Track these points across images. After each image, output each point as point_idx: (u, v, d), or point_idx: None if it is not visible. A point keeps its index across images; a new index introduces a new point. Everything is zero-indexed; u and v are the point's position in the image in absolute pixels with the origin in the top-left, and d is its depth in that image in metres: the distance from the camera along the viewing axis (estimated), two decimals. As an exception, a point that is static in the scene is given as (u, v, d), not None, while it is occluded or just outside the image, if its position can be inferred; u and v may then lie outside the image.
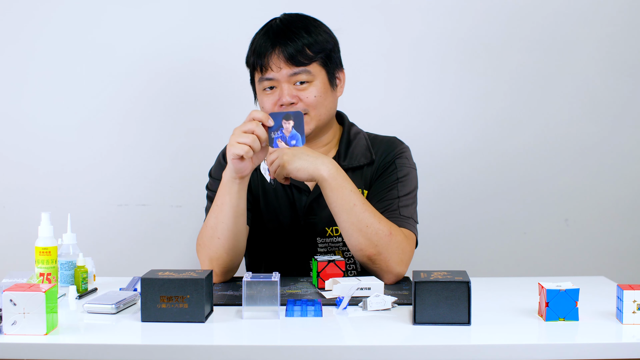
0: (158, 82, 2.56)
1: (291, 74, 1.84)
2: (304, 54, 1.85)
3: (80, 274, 1.72)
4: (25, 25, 2.54)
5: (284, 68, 1.84)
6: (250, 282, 1.47)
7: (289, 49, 1.84)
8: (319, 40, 1.87)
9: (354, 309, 1.56)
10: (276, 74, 1.85)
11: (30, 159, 2.56)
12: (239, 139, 1.65)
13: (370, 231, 1.73)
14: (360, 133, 1.98)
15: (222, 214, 1.75)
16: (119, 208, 2.57)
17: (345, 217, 1.73)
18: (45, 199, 2.53)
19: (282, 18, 1.92)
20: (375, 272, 1.77)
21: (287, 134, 1.64)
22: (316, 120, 1.88)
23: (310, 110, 1.86)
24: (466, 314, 1.43)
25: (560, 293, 1.45)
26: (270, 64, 1.84)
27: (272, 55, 1.84)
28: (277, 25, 1.89)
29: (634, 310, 1.42)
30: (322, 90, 1.87)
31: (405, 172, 1.91)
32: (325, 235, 1.92)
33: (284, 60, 1.84)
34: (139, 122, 2.56)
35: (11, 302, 1.36)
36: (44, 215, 1.68)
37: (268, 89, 1.87)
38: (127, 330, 1.43)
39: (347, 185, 1.74)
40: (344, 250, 1.92)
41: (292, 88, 1.85)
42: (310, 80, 1.86)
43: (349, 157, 1.93)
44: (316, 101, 1.86)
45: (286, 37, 1.85)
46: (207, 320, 1.47)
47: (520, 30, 2.53)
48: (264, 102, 1.88)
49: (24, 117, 2.56)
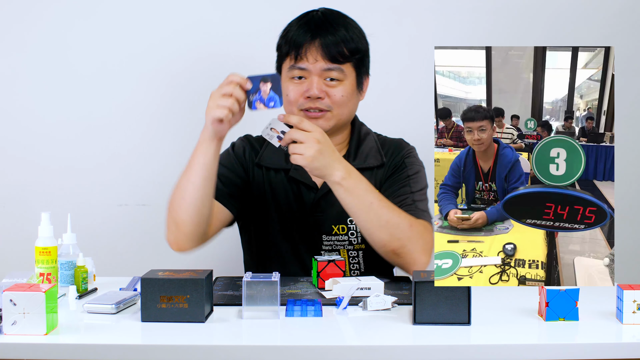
0: (159, 83, 2.56)
1: (325, 68, 1.84)
2: (342, 53, 1.84)
3: (80, 274, 1.72)
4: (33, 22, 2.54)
5: (319, 61, 1.83)
6: (250, 282, 1.47)
7: (329, 43, 1.83)
8: (357, 42, 1.87)
9: (354, 309, 1.56)
10: (309, 65, 1.84)
11: (30, 158, 2.56)
12: (219, 102, 1.64)
13: (391, 226, 1.71)
14: (370, 134, 1.99)
15: (193, 174, 1.73)
16: (119, 208, 2.57)
17: (364, 217, 1.72)
18: (45, 199, 2.53)
19: (324, 11, 1.90)
20: (401, 265, 1.76)
21: (265, 97, 1.64)
22: (337, 119, 1.88)
23: (335, 108, 1.86)
24: (466, 314, 1.43)
25: (560, 293, 1.45)
26: (307, 54, 1.83)
27: (311, 46, 1.83)
28: (318, 17, 1.88)
29: (634, 310, 1.42)
30: (350, 91, 1.87)
31: (416, 169, 1.92)
32: (331, 233, 1.91)
33: (321, 53, 1.83)
34: (139, 122, 2.56)
35: (11, 302, 1.36)
36: (44, 215, 1.68)
37: (297, 78, 1.86)
38: (127, 330, 1.43)
39: (361, 186, 1.71)
40: (349, 249, 1.92)
41: (322, 83, 1.85)
42: (341, 79, 1.85)
43: (359, 157, 1.93)
44: (342, 101, 1.86)
45: (327, 31, 1.84)
46: (207, 320, 1.47)
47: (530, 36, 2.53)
48: (290, 90, 1.86)
49: (24, 116, 2.56)
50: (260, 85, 1.65)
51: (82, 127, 2.56)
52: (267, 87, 1.64)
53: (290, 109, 1.87)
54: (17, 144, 2.56)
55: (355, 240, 1.91)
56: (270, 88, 1.64)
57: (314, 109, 1.85)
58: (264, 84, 1.65)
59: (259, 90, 1.64)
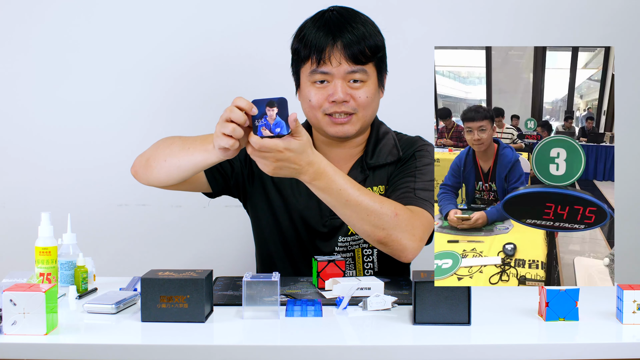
0: (159, 83, 2.56)
1: (349, 71, 1.81)
2: (364, 52, 1.82)
3: (80, 274, 1.72)
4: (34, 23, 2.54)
5: (343, 64, 1.81)
6: (250, 282, 1.47)
7: (351, 45, 1.80)
8: (377, 41, 1.85)
9: (354, 309, 1.56)
10: (333, 69, 1.81)
11: (30, 159, 2.56)
12: (222, 129, 1.56)
13: (373, 217, 1.68)
14: (389, 133, 1.98)
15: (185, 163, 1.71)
16: (119, 208, 2.57)
17: (342, 212, 1.70)
18: (45, 199, 2.53)
19: (339, 10, 1.87)
20: (391, 253, 1.74)
21: (272, 122, 1.55)
22: (362, 121, 1.86)
23: (360, 110, 1.85)
24: (466, 314, 1.43)
25: (560, 293, 1.45)
26: (331, 57, 1.80)
27: (334, 49, 1.80)
28: (335, 17, 1.84)
29: (634, 310, 1.43)
30: (373, 91, 1.86)
31: (425, 162, 1.90)
32: (347, 234, 1.92)
33: (344, 56, 1.80)
34: (139, 122, 2.56)
35: (11, 302, 1.36)
36: (44, 215, 1.68)
37: (319, 82, 1.84)
38: (127, 330, 1.43)
39: (334, 185, 1.65)
40: (364, 247, 1.92)
41: (346, 85, 1.83)
42: (364, 80, 1.84)
43: (376, 156, 1.92)
44: (366, 102, 1.84)
45: (347, 31, 1.81)
46: (207, 320, 1.47)
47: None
48: (313, 95, 1.84)
49: (25, 117, 2.56)
50: (266, 109, 1.55)
51: (82, 127, 2.56)
52: (274, 112, 1.55)
53: (313, 114, 1.86)
54: (17, 144, 2.56)
55: None
56: (276, 113, 1.55)
57: (339, 114, 1.83)
58: (270, 109, 1.54)
59: (265, 115, 1.55)
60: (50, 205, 2.45)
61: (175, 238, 2.58)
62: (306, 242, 1.94)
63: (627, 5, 2.54)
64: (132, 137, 2.56)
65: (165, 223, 2.58)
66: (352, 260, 1.92)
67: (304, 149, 1.58)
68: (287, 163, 1.58)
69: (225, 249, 2.60)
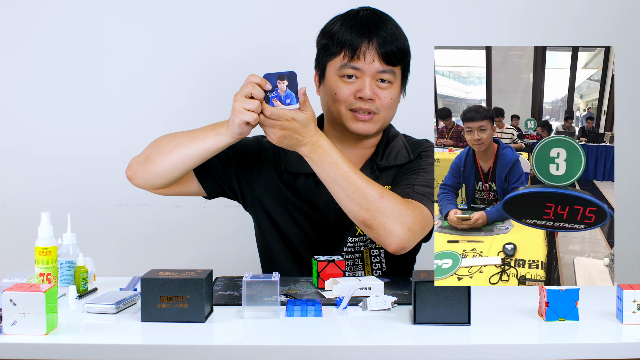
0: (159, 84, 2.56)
1: (380, 70, 1.84)
2: (396, 55, 1.85)
3: (80, 274, 1.72)
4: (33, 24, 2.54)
5: (376, 62, 1.83)
6: (250, 282, 1.47)
7: (385, 45, 1.83)
8: (406, 44, 1.89)
9: (354, 309, 1.56)
10: (365, 66, 1.83)
11: (30, 158, 2.56)
12: (245, 105, 1.64)
13: (358, 196, 1.70)
14: (398, 135, 1.99)
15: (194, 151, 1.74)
16: (119, 208, 2.57)
17: (331, 187, 1.73)
18: (45, 199, 2.53)
19: (372, 10, 1.89)
20: (376, 239, 1.73)
21: (282, 94, 1.65)
22: (382, 121, 1.89)
23: (382, 111, 1.87)
24: (466, 314, 1.43)
25: (560, 293, 1.45)
26: (366, 54, 1.83)
27: (370, 47, 1.83)
28: (368, 16, 1.87)
29: (634, 310, 1.43)
30: (397, 94, 1.89)
31: (430, 162, 1.91)
32: (355, 235, 1.92)
33: (378, 55, 1.83)
34: (138, 122, 2.56)
35: (11, 302, 1.36)
36: (44, 215, 1.68)
37: (347, 77, 1.85)
38: (127, 330, 1.43)
39: (327, 159, 1.70)
40: (371, 247, 1.92)
41: (374, 84, 1.85)
42: (391, 81, 1.86)
43: (386, 157, 1.94)
44: (390, 104, 1.87)
45: (382, 31, 1.84)
46: (207, 320, 1.47)
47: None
48: (340, 88, 1.85)
49: (25, 117, 2.56)
50: (277, 82, 1.66)
51: (82, 127, 2.56)
52: (284, 85, 1.66)
53: (336, 108, 1.87)
54: (17, 144, 2.56)
55: None
56: (286, 86, 1.65)
57: (363, 111, 1.85)
58: (280, 82, 1.66)
59: (276, 88, 1.66)
60: (50, 205, 2.45)
61: (175, 238, 2.58)
62: (314, 243, 1.93)
63: (627, 5, 2.54)
64: (132, 137, 2.55)
65: (165, 223, 2.58)
66: (361, 261, 1.92)
67: (308, 122, 1.67)
68: (292, 133, 1.67)
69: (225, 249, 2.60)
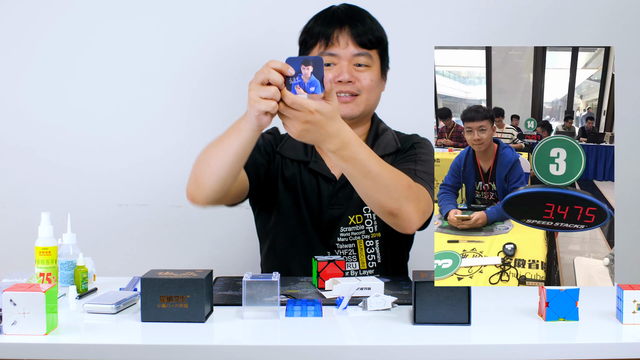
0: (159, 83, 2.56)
1: (355, 53, 1.92)
2: (370, 39, 1.92)
3: (80, 274, 1.72)
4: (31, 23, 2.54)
5: (350, 46, 1.91)
6: (250, 282, 1.47)
7: (358, 29, 1.92)
8: (382, 34, 1.97)
9: (354, 309, 1.56)
10: (340, 50, 1.91)
11: (30, 158, 2.56)
12: (261, 93, 1.50)
13: (390, 189, 1.68)
14: (388, 130, 2.04)
15: (226, 156, 1.65)
16: (119, 208, 2.57)
17: (360, 182, 1.67)
18: (45, 199, 2.53)
19: (347, 5, 1.99)
20: (396, 225, 1.74)
21: (306, 80, 1.51)
22: (365, 104, 1.94)
23: (364, 92, 1.93)
24: (466, 314, 1.43)
25: (560, 293, 1.45)
26: (339, 39, 1.91)
27: (342, 32, 1.91)
28: (342, 9, 1.97)
29: (634, 310, 1.42)
30: (377, 77, 1.96)
31: (424, 152, 1.95)
32: (348, 224, 1.93)
33: (352, 39, 1.91)
34: (139, 123, 2.56)
35: (11, 302, 1.36)
36: (44, 215, 1.68)
37: (325, 64, 1.90)
38: (127, 330, 1.43)
39: (360, 156, 1.63)
40: (365, 238, 1.93)
41: (352, 68, 1.92)
42: (369, 64, 1.93)
43: (376, 147, 1.97)
44: (370, 86, 1.93)
45: (356, 20, 1.93)
46: (207, 320, 1.47)
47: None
48: None
49: (25, 117, 2.56)
50: (301, 68, 1.51)
51: (82, 127, 2.56)
52: (309, 71, 1.51)
53: None
54: (17, 144, 2.56)
55: (372, 228, 1.93)
56: (311, 72, 1.51)
57: (344, 93, 1.91)
58: (305, 67, 1.51)
59: (300, 74, 1.51)
60: (50, 205, 2.45)
61: (176, 238, 2.58)
62: (309, 233, 1.94)
63: (627, 5, 2.54)
64: (132, 137, 2.56)
65: (165, 223, 2.58)
66: (355, 251, 1.94)
67: (333, 115, 1.55)
68: (315, 127, 1.53)
69: (225, 249, 2.60)
